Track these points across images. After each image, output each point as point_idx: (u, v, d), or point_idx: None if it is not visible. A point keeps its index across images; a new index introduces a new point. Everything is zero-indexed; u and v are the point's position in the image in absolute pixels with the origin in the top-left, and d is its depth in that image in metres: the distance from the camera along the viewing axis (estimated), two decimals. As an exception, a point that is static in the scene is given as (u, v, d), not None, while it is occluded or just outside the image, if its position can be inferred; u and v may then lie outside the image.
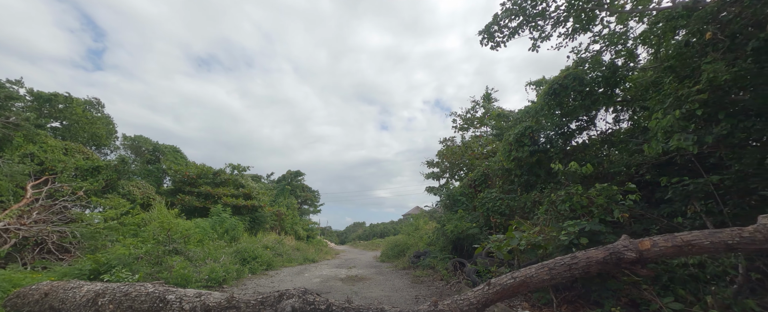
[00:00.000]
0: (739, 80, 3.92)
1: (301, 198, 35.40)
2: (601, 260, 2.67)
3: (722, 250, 2.53)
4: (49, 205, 10.63)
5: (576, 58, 7.81)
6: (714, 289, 3.26)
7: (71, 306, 3.37)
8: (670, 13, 4.76)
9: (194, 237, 9.25)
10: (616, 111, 7.76)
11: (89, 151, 13.60)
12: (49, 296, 3.61)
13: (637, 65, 7.33)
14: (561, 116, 8.03)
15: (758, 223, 2.42)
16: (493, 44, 7.45)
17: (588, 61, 7.48)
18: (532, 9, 6.71)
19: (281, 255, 13.36)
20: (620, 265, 2.68)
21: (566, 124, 8.15)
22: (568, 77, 7.42)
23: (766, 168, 3.64)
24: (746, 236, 2.38)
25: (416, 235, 16.17)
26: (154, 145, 17.95)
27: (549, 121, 8.02)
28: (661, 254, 2.60)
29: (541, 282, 2.89)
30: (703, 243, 2.48)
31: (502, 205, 8.13)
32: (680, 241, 2.53)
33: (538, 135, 8.36)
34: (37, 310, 3.64)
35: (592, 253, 2.75)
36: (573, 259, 2.80)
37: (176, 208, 12.33)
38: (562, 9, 6.73)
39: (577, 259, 2.79)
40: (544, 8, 6.76)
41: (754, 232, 2.36)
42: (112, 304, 3.23)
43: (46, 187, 10.90)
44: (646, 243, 2.60)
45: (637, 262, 2.63)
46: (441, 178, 14.18)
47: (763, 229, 2.34)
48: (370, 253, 23.44)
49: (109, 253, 6.36)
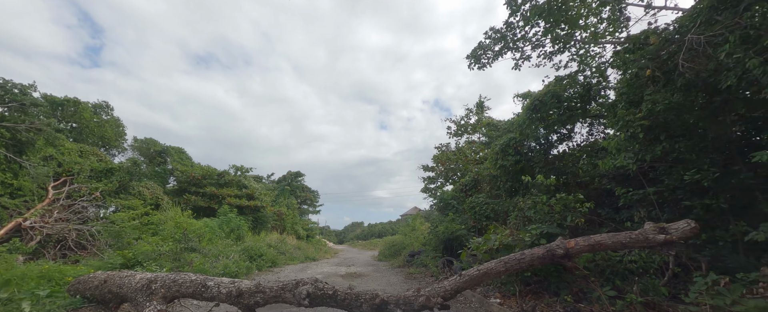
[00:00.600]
0: (671, 110, 4.82)
1: (301, 198, 36.31)
2: (541, 256, 3.56)
3: (620, 248, 3.44)
4: (68, 205, 11.53)
5: (555, 76, 8.71)
6: (637, 279, 4.17)
7: (128, 290, 4.26)
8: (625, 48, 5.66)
9: (206, 236, 10.14)
10: (590, 125, 8.67)
11: (102, 153, 14.47)
12: (107, 282, 4.49)
13: (609, 84, 8.22)
14: (542, 128, 8.93)
15: (643, 228, 3.32)
16: (480, 66, 8.35)
17: (566, 79, 8.38)
18: (513, 36, 7.61)
19: (284, 253, 14.27)
20: (554, 260, 3.57)
21: (546, 136, 9.05)
22: (547, 94, 8.31)
23: (685, 182, 4.54)
24: (633, 237, 3.28)
25: (412, 235, 17.09)
26: (163, 148, 18.84)
27: (531, 134, 8.91)
28: (580, 251, 3.49)
29: (499, 272, 3.79)
30: (607, 242, 3.38)
31: (488, 209, 9.03)
32: (592, 241, 3.43)
33: (521, 145, 9.26)
34: (98, 293, 4.53)
35: (535, 251, 3.64)
36: (522, 255, 3.70)
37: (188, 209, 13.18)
38: (540, 34, 7.63)
39: (524, 255, 3.68)
40: (524, 34, 7.66)
41: (638, 234, 3.26)
42: (163, 288, 4.12)
43: (65, 188, 11.78)
44: (571, 243, 3.49)
45: (565, 257, 3.52)
46: (436, 181, 15.08)
47: (643, 233, 3.23)
48: (368, 253, 24.35)
49: (135, 250, 7.23)
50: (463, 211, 10.27)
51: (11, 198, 10.32)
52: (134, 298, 4.17)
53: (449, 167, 14.30)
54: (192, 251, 8.48)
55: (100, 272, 4.84)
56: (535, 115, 8.61)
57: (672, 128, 4.94)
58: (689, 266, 4.53)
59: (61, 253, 9.84)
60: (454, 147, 15.04)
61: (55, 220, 10.58)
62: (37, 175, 10.71)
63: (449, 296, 3.94)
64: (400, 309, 3.85)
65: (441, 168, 14.77)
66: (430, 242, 10.96)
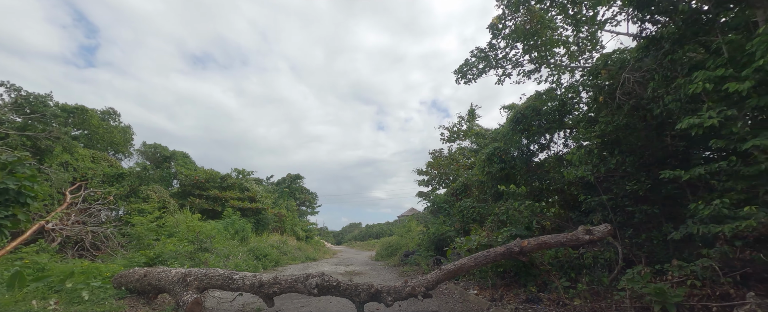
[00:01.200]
0: (619, 130, 5.79)
1: (300, 200, 37.22)
2: (502, 253, 4.52)
3: (560, 245, 4.39)
4: (84, 209, 12.40)
5: (535, 91, 9.68)
6: (585, 271, 5.14)
7: (166, 282, 5.18)
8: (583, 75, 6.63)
9: (216, 237, 11.05)
10: (565, 136, 9.65)
11: (112, 159, 15.34)
12: (147, 276, 5.41)
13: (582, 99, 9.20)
14: (524, 139, 9.89)
15: (576, 230, 4.27)
16: (466, 81, 9.32)
17: (544, 95, 9.35)
18: (495, 56, 8.58)
19: (286, 254, 15.19)
20: (512, 255, 4.52)
21: (528, 145, 10.01)
22: (528, 108, 9.27)
23: (628, 191, 5.51)
24: (569, 237, 4.23)
25: (408, 236, 18.04)
26: (171, 153, 19.71)
27: (514, 144, 9.87)
28: (532, 249, 4.44)
29: (470, 267, 4.75)
30: (551, 241, 4.32)
31: (474, 212, 9.99)
32: (540, 241, 4.38)
33: (505, 154, 10.22)
34: (139, 285, 5.45)
35: (498, 249, 4.59)
36: (488, 253, 4.65)
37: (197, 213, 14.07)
38: (519, 55, 8.61)
39: (489, 252, 4.63)
40: (505, 54, 8.63)
41: (573, 235, 4.21)
42: (196, 281, 5.04)
43: (81, 192, 12.64)
44: (525, 242, 4.44)
45: (520, 254, 4.47)
46: (430, 184, 16.05)
47: (576, 234, 4.18)
48: (366, 253, 25.30)
49: (156, 250, 8.12)
50: (452, 214, 11.23)
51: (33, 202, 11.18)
52: (172, 289, 5.09)
53: (442, 172, 15.27)
54: (205, 251, 9.39)
55: (138, 268, 5.77)
56: (518, 127, 9.57)
57: (621, 145, 5.90)
58: (634, 261, 5.50)
59: (79, 253, 10.71)
60: (447, 153, 16.01)
61: (73, 223, 11.46)
62: (56, 181, 11.57)
63: (431, 287, 4.89)
64: (391, 297, 4.80)
65: (434, 173, 15.73)
66: (423, 243, 11.92)
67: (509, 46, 8.39)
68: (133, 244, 9.34)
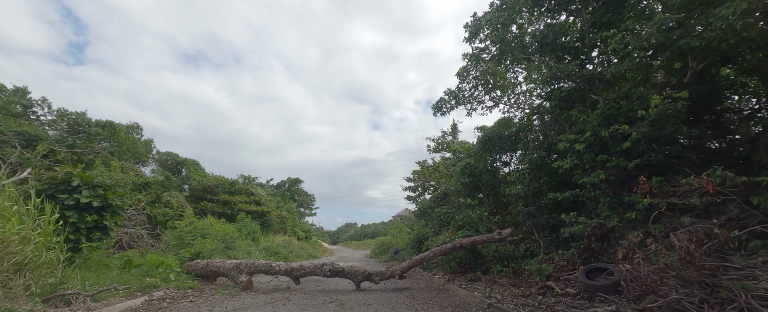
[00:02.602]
0: (539, 160, 8.35)
1: (298, 202, 39.68)
2: (449, 248, 7.06)
3: (484, 242, 6.94)
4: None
5: (499, 118, 12.24)
6: (510, 260, 7.72)
7: (224, 269, 7.65)
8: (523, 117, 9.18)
9: (238, 238, 13.52)
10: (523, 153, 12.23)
11: (138, 169, 17.70)
12: (209, 265, 7.88)
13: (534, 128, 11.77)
14: (489, 157, 12.46)
15: (494, 232, 6.83)
16: (442, 113, 11.87)
17: (504, 122, 11.92)
18: (463, 96, 11.14)
19: (292, 252, 17.69)
20: (456, 249, 7.06)
21: (492, 162, 12.58)
22: (492, 132, 11.82)
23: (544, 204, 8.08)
24: (489, 237, 6.77)
25: (399, 236, 20.64)
26: (182, 160, 22.07)
27: (481, 161, 12.44)
28: (467, 245, 6.98)
29: (429, 257, 7.30)
30: (478, 239, 6.86)
31: (448, 217, 12.53)
32: (471, 239, 6.91)
33: (475, 169, 12.78)
34: (203, 271, 7.93)
35: (447, 245, 7.13)
36: (441, 247, 7.18)
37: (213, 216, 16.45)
38: (481, 95, 11.16)
39: (441, 248, 7.16)
40: (471, 94, 11.18)
41: (492, 235, 6.76)
42: (247, 267, 7.53)
43: (118, 200, 14.98)
44: (463, 240, 6.97)
45: (461, 248, 7.01)
46: (416, 191, 18.61)
47: (492, 235, 6.73)
48: (361, 252, 27.87)
49: (196, 248, 10.54)
50: (433, 218, 13.80)
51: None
52: (229, 273, 7.58)
53: (426, 181, 17.84)
54: (231, 249, 11.87)
55: (199, 260, 8.25)
56: (485, 147, 12.15)
57: (541, 172, 8.48)
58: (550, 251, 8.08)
59: (116, 250, 13.11)
60: (432, 163, 18.57)
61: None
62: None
63: (405, 270, 7.45)
64: (378, 277, 7.36)
65: (420, 181, 18.30)
66: (409, 242, 14.49)
67: (474, 88, 10.95)
68: (174, 243, 11.75)
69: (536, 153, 8.04)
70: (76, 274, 5.78)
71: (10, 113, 13.28)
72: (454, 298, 6.19)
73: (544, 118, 7.99)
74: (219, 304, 5.77)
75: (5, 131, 12.25)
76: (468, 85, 11.04)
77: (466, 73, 10.66)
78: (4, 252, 4.77)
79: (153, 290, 6.35)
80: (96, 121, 17.05)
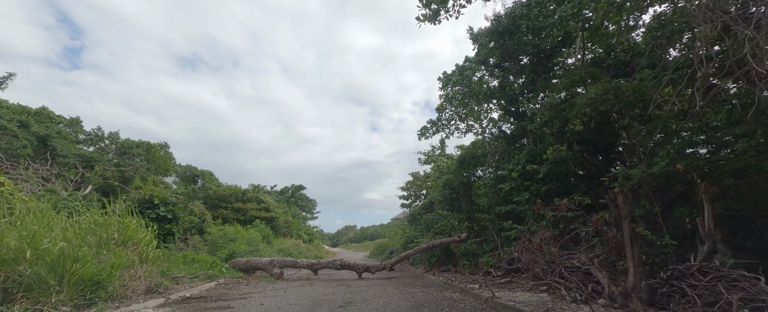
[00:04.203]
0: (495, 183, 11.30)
1: (300, 206, 42.60)
2: (426, 247, 9.97)
3: (450, 243, 9.86)
4: (156, 222, 17.57)
5: (474, 140, 15.19)
6: (478, 255, 10.67)
7: (261, 264, 10.56)
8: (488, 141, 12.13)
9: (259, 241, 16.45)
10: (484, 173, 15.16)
11: (166, 182, 20.59)
12: (249, 262, 10.79)
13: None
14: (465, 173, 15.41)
15: (455, 235, 9.74)
16: (425, 138, 14.82)
17: (477, 143, 14.86)
18: (441, 125, 14.09)
19: (301, 253, 20.60)
20: (431, 249, 9.97)
21: (468, 177, 15.52)
22: (466, 153, 14.78)
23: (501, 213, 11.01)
24: (450, 239, 9.66)
25: (395, 238, 23.62)
26: (200, 173, 24.97)
27: (459, 176, 15.37)
28: (437, 245, 9.88)
29: (411, 254, 10.24)
30: (446, 241, 9.77)
31: (433, 223, 15.48)
32: (440, 241, 9.81)
33: (454, 183, 15.72)
34: (245, 266, 10.84)
35: (423, 245, 10.04)
36: (419, 247, 10.10)
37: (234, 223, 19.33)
38: (456, 123, 14.12)
39: (420, 247, 10.08)
40: (448, 122, 14.13)
41: (453, 238, 9.65)
42: (279, 263, 10.45)
43: (153, 210, 17.83)
44: (434, 242, 9.87)
45: (433, 248, 9.91)
46: (409, 199, 21.56)
47: (452, 238, 9.62)
48: (361, 253, 30.83)
49: (229, 249, 13.41)
50: (421, 223, 16.74)
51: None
52: (265, 267, 10.49)
53: (419, 190, 20.80)
54: (256, 251, 14.78)
55: (240, 258, 11.17)
56: (462, 164, 15.11)
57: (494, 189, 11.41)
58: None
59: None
60: (422, 173, 21.54)
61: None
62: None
63: (393, 264, 10.42)
64: (374, 269, 10.30)
65: (413, 189, 21.26)
66: (401, 244, 17.43)
67: (450, 119, 13.92)
68: (208, 246, 14.64)
69: (493, 174, 11.01)
70: (174, 266, 8.70)
71: (68, 139, 16.16)
72: (425, 281, 9.14)
73: (497, 148, 10.94)
74: (267, 287, 8.69)
75: (68, 154, 15.15)
76: (445, 116, 14.02)
77: (443, 108, 13.63)
78: (136, 248, 7.67)
79: (217, 278, 9.27)
80: (136, 141, 19.96)
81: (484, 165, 14.01)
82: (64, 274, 5.17)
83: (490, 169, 11.85)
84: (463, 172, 15.09)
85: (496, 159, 11.49)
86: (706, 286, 3.99)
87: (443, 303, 5.90)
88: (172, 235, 10.35)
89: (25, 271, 4.75)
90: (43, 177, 13.00)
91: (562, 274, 5.98)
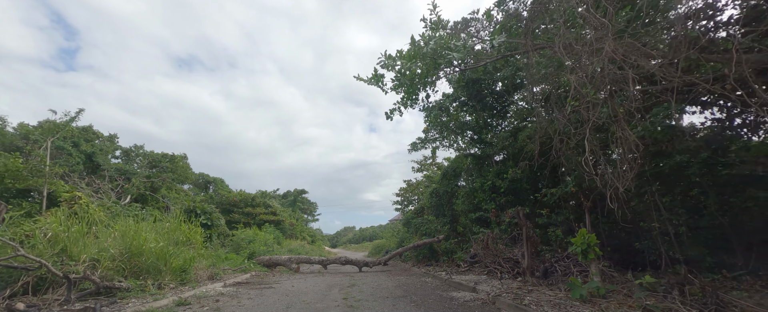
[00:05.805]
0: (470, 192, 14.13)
1: (302, 209, 45.38)
2: (412, 246, 12.74)
3: (431, 243, 12.62)
4: (181, 226, 20.33)
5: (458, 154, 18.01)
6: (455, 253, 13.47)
7: (282, 261, 13.32)
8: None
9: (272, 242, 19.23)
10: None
11: (187, 190, 23.30)
12: (271, 258, 13.56)
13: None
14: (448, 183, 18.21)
15: (434, 238, 12.52)
16: (416, 150, 17.62)
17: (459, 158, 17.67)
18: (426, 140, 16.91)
19: (307, 252, 23.38)
20: (417, 248, 12.73)
21: (451, 187, 18.33)
22: (449, 167, 17.61)
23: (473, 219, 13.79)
24: (432, 240, 12.42)
25: (392, 239, 26.45)
26: (213, 179, 27.71)
27: (444, 187, 18.17)
28: (421, 245, 12.64)
29: (400, 252, 13.04)
30: (428, 241, 12.51)
31: (422, 226, 18.29)
32: (421, 241, 12.56)
33: (440, 192, 18.54)
34: (268, 263, 13.61)
35: (411, 245, 12.82)
36: (406, 246, 12.87)
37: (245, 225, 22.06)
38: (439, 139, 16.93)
39: (406, 246, 12.85)
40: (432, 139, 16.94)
41: (432, 239, 12.41)
42: (296, 259, 13.23)
43: (178, 216, 20.59)
44: (419, 242, 12.63)
45: (418, 247, 12.68)
46: (404, 203, 24.37)
47: (432, 239, 12.39)
48: (360, 254, 33.62)
49: (250, 249, 16.13)
50: (412, 226, 19.55)
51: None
52: (285, 263, 13.29)
53: (412, 196, 23.63)
54: (272, 251, 17.55)
55: (264, 256, 13.95)
56: (445, 176, 17.95)
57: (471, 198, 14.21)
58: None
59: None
60: (415, 181, 24.36)
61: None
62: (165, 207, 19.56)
63: (387, 260, 13.26)
64: (371, 264, 13.13)
65: (407, 195, 24.09)
66: (396, 244, 20.24)
67: (435, 138, 16.73)
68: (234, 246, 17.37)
69: (468, 186, 13.82)
70: (218, 261, 11.47)
71: (108, 153, 18.88)
72: (411, 272, 11.96)
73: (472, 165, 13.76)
74: (290, 277, 11.46)
75: (108, 168, 17.89)
76: (431, 135, 16.84)
77: (428, 129, 16.46)
78: (193, 247, 10.43)
79: (250, 271, 12.04)
80: (161, 154, 22.67)
81: (462, 178, 16.86)
82: (166, 263, 7.94)
83: (465, 183, 14.64)
84: (447, 182, 17.96)
85: (471, 175, 14.30)
86: (565, 264, 6.81)
87: (417, 283, 8.72)
88: (210, 238, 13.08)
89: (146, 261, 7.53)
90: (93, 190, 15.74)
91: (500, 263, 8.79)
